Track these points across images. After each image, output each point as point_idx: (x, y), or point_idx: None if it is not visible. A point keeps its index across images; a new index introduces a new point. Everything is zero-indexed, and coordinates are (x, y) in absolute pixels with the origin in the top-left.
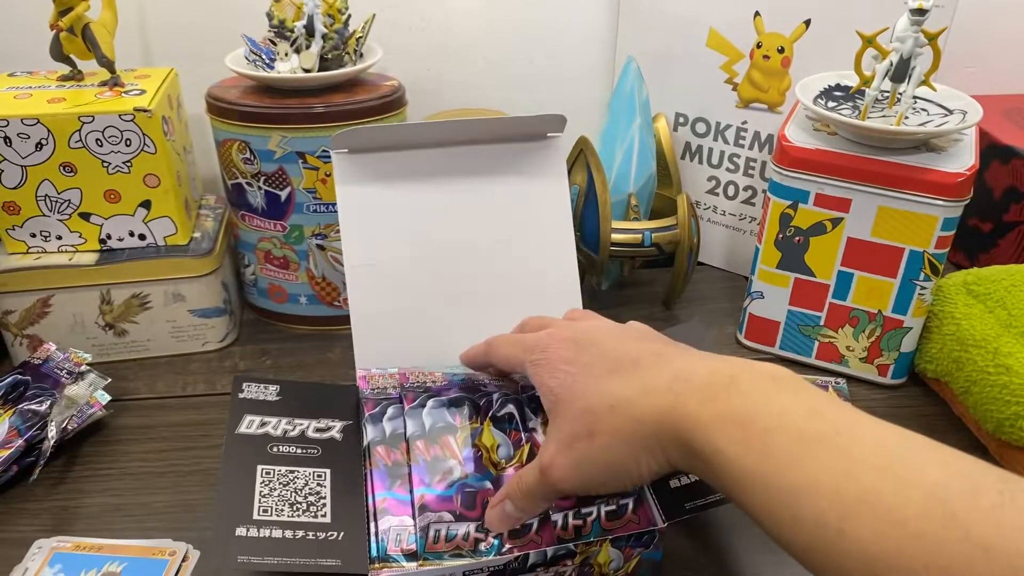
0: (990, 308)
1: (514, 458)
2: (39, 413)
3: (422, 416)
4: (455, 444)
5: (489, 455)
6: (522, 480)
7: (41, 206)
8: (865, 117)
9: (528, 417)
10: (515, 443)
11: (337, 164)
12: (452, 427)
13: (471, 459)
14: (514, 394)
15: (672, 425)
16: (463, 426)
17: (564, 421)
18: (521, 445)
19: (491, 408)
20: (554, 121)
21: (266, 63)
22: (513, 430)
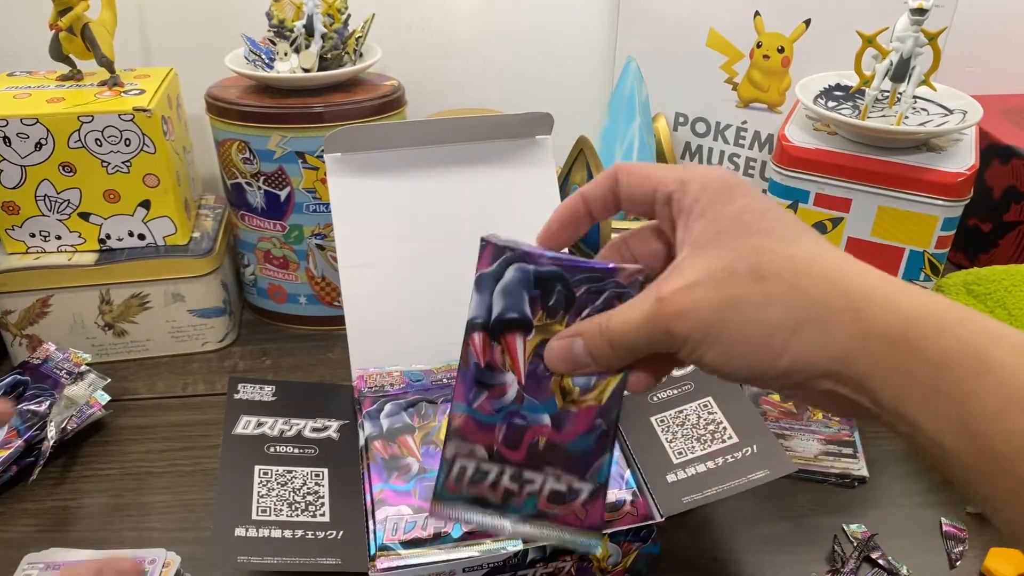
0: (990, 308)
1: (593, 391)
2: (39, 413)
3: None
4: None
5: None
6: (613, 318)
7: (40, 206)
8: (865, 117)
9: None
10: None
11: (330, 165)
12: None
13: (531, 374)
14: (628, 288)
15: (871, 313)
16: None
17: (724, 249)
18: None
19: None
20: (542, 120)
21: (266, 63)
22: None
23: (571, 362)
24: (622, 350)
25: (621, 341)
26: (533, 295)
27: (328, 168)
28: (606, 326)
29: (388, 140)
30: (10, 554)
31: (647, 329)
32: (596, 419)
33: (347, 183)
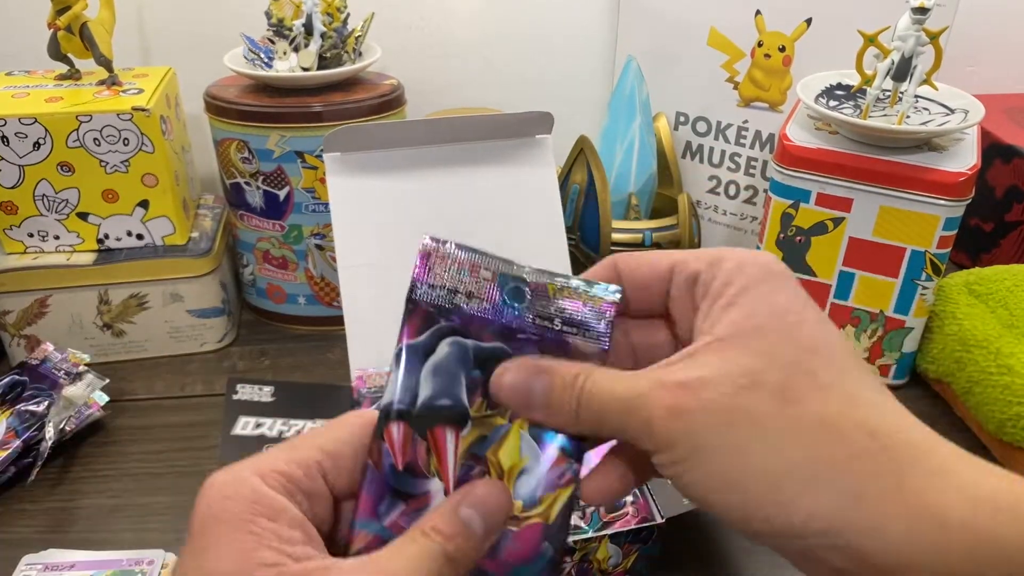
0: (992, 308)
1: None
2: (37, 414)
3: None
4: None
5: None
6: (595, 376)
7: (39, 206)
8: (867, 116)
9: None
10: (550, 474)
11: (329, 165)
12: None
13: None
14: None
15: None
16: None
17: (753, 351)
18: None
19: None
20: (542, 119)
21: (265, 62)
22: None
23: (521, 399)
24: (587, 417)
25: (591, 406)
26: (472, 377)
27: (327, 168)
28: (583, 380)
29: (387, 140)
30: (8, 555)
31: (628, 410)
32: (542, 542)
33: (346, 183)
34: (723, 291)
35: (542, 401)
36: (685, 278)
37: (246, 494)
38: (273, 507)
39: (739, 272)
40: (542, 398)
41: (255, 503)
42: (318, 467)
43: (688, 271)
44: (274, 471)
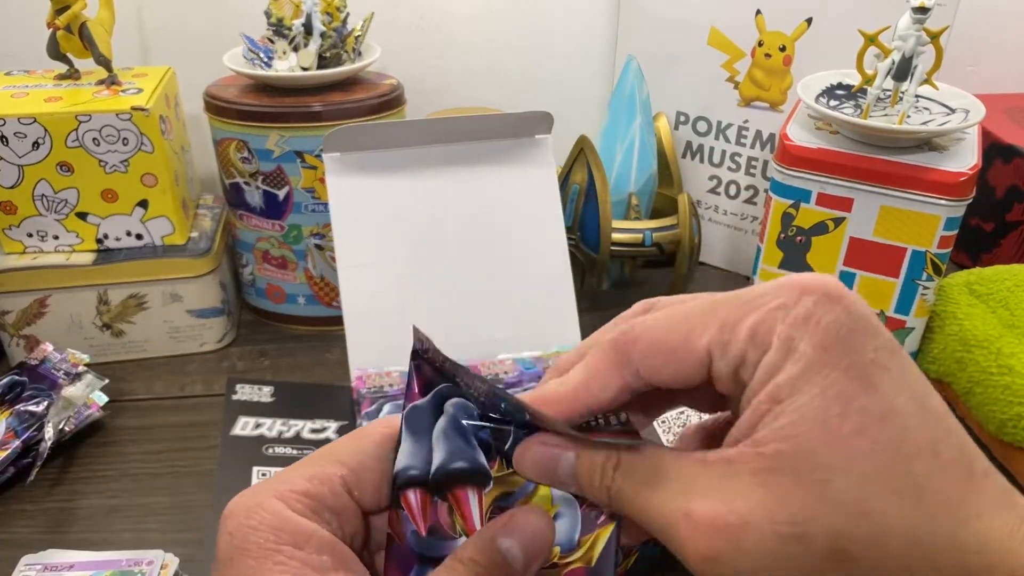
0: (992, 308)
1: (578, 550)
2: (36, 414)
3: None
4: (472, 503)
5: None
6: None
7: (38, 206)
8: (867, 116)
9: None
10: (586, 516)
11: (329, 165)
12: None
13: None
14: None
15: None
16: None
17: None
18: (597, 525)
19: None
20: (542, 119)
21: (264, 62)
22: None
23: (547, 475)
24: (617, 509)
25: (622, 504)
26: (484, 437)
27: (327, 168)
28: (615, 485)
29: (387, 139)
30: (7, 555)
31: (660, 533)
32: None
33: (346, 183)
34: (768, 379)
35: (567, 479)
36: (728, 364)
37: (270, 521)
38: (299, 533)
39: (788, 353)
40: (568, 477)
41: (279, 530)
42: (342, 482)
43: (732, 356)
44: (296, 492)
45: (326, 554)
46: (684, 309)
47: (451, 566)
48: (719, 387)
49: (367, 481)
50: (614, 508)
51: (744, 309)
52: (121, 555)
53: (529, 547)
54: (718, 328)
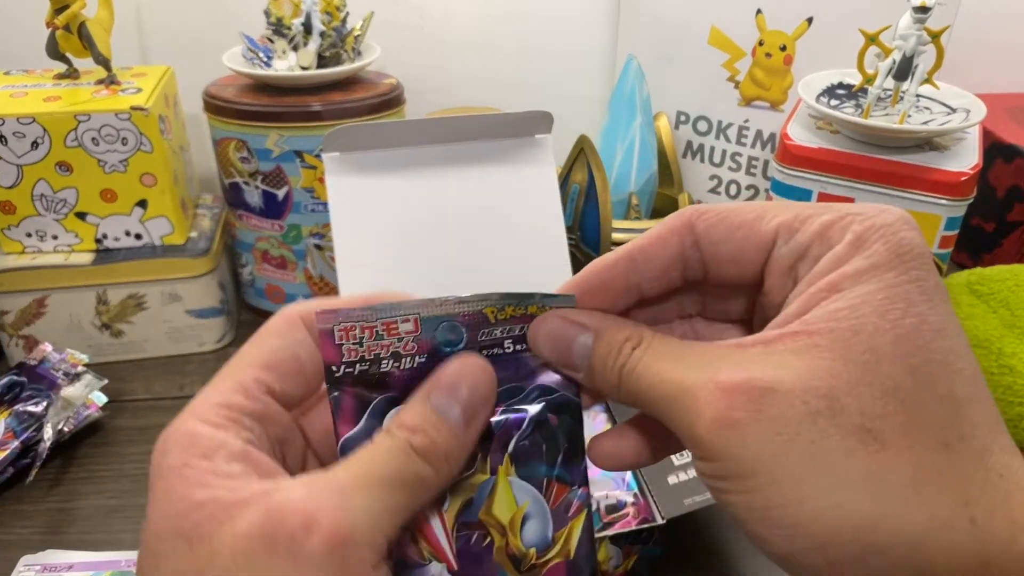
0: (993, 308)
1: (554, 546)
2: (35, 414)
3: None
4: (434, 524)
5: (507, 541)
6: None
7: (37, 206)
8: (868, 115)
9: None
10: (557, 510)
11: (328, 164)
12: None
13: (464, 552)
14: (563, 390)
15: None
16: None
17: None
18: (569, 517)
19: (510, 428)
20: (542, 119)
21: (264, 61)
22: (555, 478)
23: (561, 353)
24: (627, 394)
25: (634, 385)
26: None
27: (326, 167)
28: (630, 350)
29: (387, 139)
30: (6, 556)
31: (672, 402)
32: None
33: (345, 182)
34: (831, 269)
35: (581, 363)
36: (791, 250)
37: (179, 440)
38: (207, 446)
39: (859, 248)
40: (581, 360)
41: (187, 448)
42: (260, 386)
43: (797, 241)
44: (212, 406)
45: (236, 463)
46: (755, 202)
47: (383, 438)
48: (770, 280)
49: (287, 375)
50: (622, 391)
51: (817, 210)
52: (120, 555)
53: (467, 400)
54: (792, 215)
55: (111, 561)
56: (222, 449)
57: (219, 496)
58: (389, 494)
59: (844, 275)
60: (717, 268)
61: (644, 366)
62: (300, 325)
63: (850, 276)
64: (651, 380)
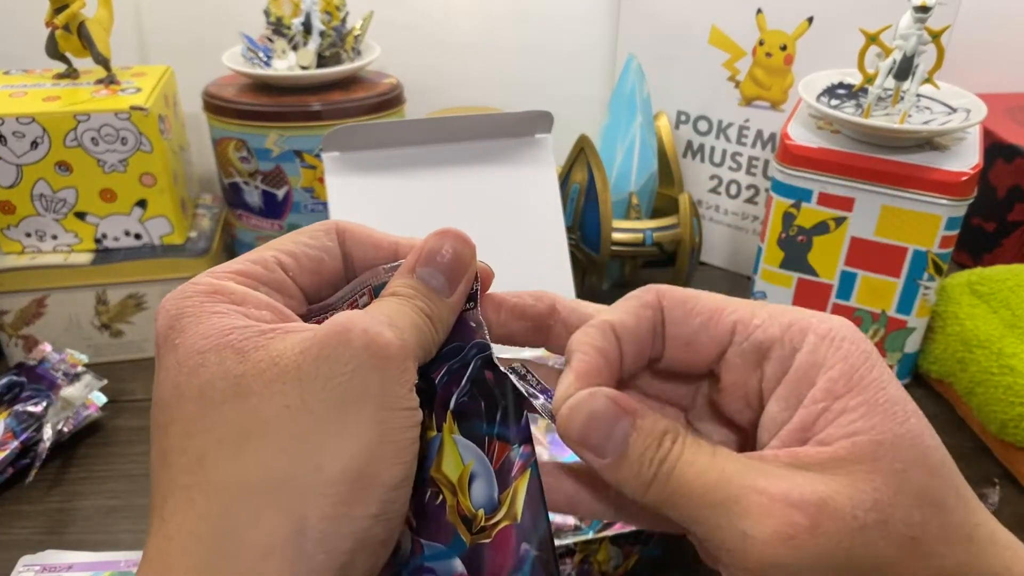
0: (994, 308)
1: (501, 508)
2: (35, 415)
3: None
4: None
5: (458, 501)
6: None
7: (36, 205)
8: (868, 115)
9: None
10: (500, 470)
11: (328, 164)
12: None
13: (420, 510)
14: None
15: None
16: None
17: (878, 471)
18: (512, 477)
19: (451, 385)
20: (542, 118)
21: (263, 61)
22: (496, 436)
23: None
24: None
25: (672, 488)
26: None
27: (326, 167)
28: (672, 456)
29: (386, 139)
30: (6, 556)
31: (715, 509)
32: (519, 545)
33: (345, 182)
34: (817, 375)
35: (616, 451)
36: (752, 346)
37: (203, 289)
38: (235, 293)
39: (833, 349)
40: (617, 449)
41: (213, 295)
42: (276, 261)
43: (756, 339)
44: (227, 271)
45: (265, 310)
46: (716, 294)
47: (380, 302)
48: (729, 375)
49: (304, 267)
50: (654, 489)
51: (774, 312)
52: (120, 556)
53: (448, 268)
54: (749, 313)
55: (111, 561)
56: (250, 298)
57: (262, 324)
58: (414, 334)
59: (833, 380)
60: (673, 351)
61: (686, 463)
62: (335, 235)
63: (839, 380)
64: (693, 482)
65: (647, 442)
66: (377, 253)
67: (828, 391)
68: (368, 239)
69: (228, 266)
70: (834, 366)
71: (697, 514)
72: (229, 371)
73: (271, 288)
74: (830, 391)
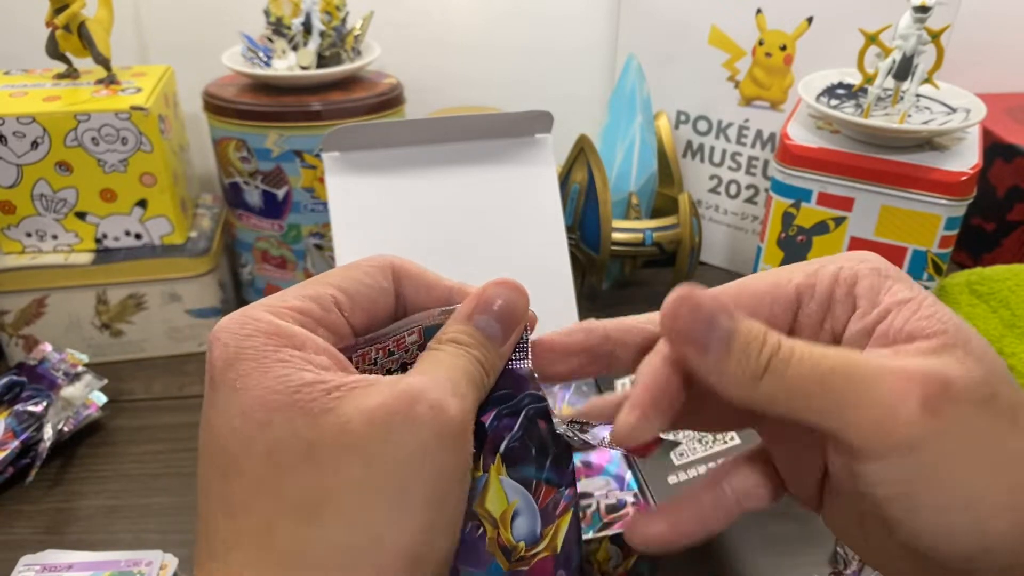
0: (993, 308)
1: (542, 541)
2: (35, 414)
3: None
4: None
5: (499, 533)
6: (783, 346)
7: (37, 205)
8: (868, 115)
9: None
10: (545, 509)
11: (328, 164)
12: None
13: (461, 539)
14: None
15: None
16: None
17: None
18: (556, 515)
19: (502, 431)
20: (542, 118)
21: (263, 61)
22: (544, 480)
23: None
24: (772, 387)
25: (788, 373)
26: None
27: (326, 167)
28: (784, 349)
29: (387, 138)
30: (6, 556)
31: (852, 390)
32: (557, 571)
33: (345, 182)
34: (878, 296)
35: (720, 347)
36: (818, 304)
37: (264, 328)
38: (295, 337)
39: (880, 276)
40: (721, 343)
41: (276, 335)
42: (334, 300)
43: (821, 294)
44: (287, 307)
45: (324, 356)
46: (757, 273)
47: (433, 347)
48: (805, 335)
49: (358, 306)
50: (765, 382)
51: (819, 264)
52: (120, 556)
53: (503, 317)
54: (803, 275)
55: (111, 561)
56: (310, 342)
57: (328, 378)
58: (473, 392)
59: (896, 292)
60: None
61: (801, 353)
62: (389, 274)
63: (901, 291)
64: (815, 368)
65: (750, 336)
66: (429, 295)
67: (901, 301)
68: (422, 281)
69: (287, 300)
70: (891, 286)
71: (821, 402)
72: (299, 435)
73: (326, 329)
74: (902, 301)
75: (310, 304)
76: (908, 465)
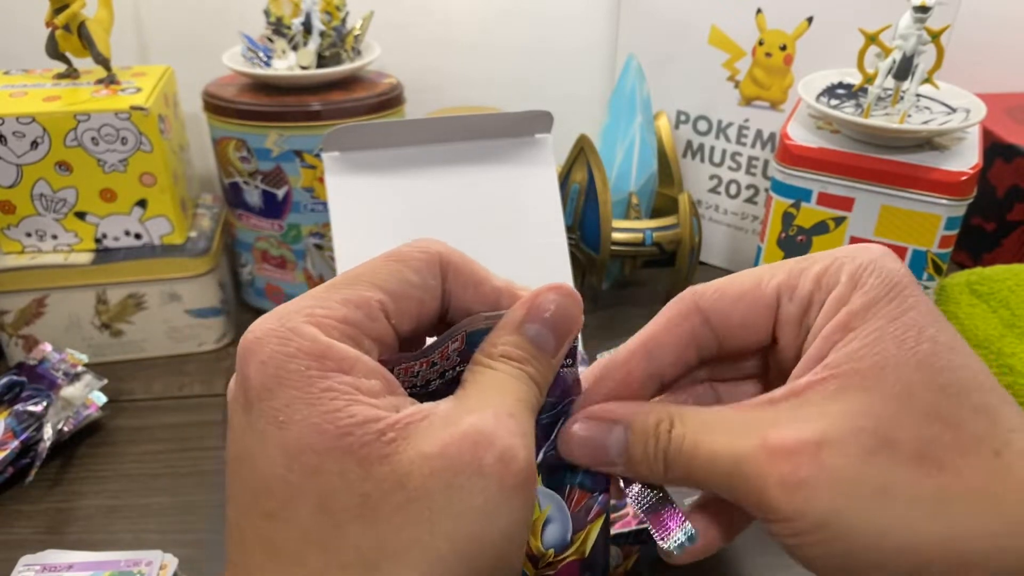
0: (993, 308)
1: (572, 546)
2: (35, 414)
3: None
4: None
5: (528, 542)
6: (697, 436)
7: (36, 205)
8: (868, 115)
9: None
10: (577, 514)
11: (328, 164)
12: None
13: None
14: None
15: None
16: None
17: (878, 397)
18: (588, 521)
19: (540, 440)
20: (542, 118)
21: (263, 61)
22: (577, 485)
23: (596, 457)
24: (678, 476)
25: (682, 466)
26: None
27: (326, 167)
28: (666, 431)
29: (387, 138)
30: (6, 556)
31: (731, 476)
32: (583, 573)
33: (345, 182)
34: (837, 309)
35: (617, 457)
36: (797, 305)
37: (308, 348)
38: (344, 360)
39: (856, 286)
40: (620, 456)
41: (322, 358)
42: (380, 307)
43: (800, 297)
44: (331, 318)
45: (375, 379)
46: (746, 270)
47: (484, 363)
48: (784, 336)
49: (406, 312)
50: (671, 474)
51: (807, 262)
52: (120, 556)
53: (557, 326)
54: (786, 274)
55: (110, 561)
56: (359, 363)
57: (380, 416)
58: (531, 419)
59: (851, 313)
60: (730, 339)
61: (690, 444)
62: (437, 270)
63: (857, 313)
64: (701, 459)
65: (644, 438)
66: (476, 294)
67: (843, 323)
68: (470, 277)
69: (331, 308)
70: (854, 301)
71: (719, 484)
72: (353, 486)
73: (372, 340)
74: (845, 323)
75: (355, 313)
76: (799, 527)
